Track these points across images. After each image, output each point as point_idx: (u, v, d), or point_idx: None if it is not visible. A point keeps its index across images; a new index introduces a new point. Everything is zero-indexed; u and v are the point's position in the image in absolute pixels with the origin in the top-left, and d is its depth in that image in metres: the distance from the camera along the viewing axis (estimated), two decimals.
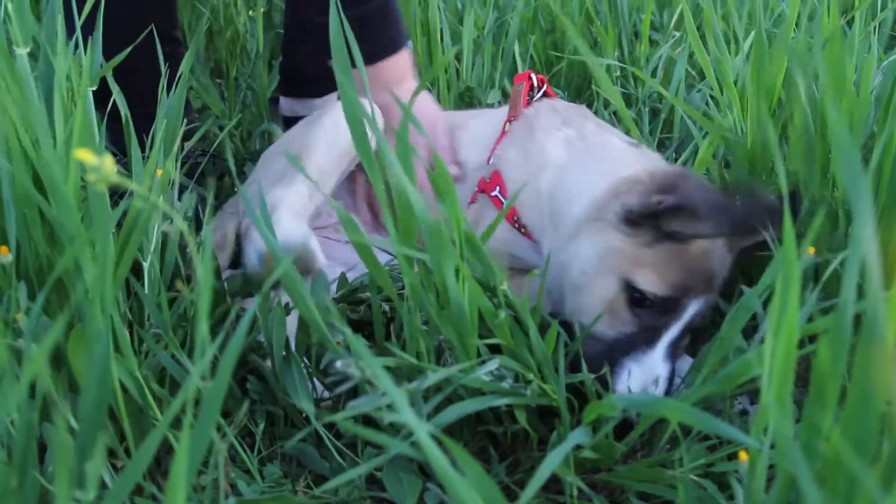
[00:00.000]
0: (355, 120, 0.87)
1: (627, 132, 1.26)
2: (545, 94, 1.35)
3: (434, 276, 0.80)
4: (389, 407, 0.71)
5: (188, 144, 1.58)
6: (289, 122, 1.79)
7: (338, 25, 0.90)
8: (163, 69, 1.10)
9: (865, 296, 0.50)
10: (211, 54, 2.06)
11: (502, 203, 1.19)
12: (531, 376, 0.85)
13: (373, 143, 0.87)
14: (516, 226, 1.20)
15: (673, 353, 1.00)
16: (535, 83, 1.34)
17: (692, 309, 1.01)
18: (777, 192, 1.11)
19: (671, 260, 1.00)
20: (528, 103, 1.31)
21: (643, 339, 1.00)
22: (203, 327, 0.51)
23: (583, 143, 1.20)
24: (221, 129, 1.75)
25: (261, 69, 1.75)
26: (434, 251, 0.77)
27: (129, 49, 1.03)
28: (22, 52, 0.86)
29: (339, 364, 0.93)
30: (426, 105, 1.35)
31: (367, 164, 0.88)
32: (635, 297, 1.01)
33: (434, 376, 0.75)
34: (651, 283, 1.00)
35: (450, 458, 0.57)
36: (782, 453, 0.51)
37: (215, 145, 1.42)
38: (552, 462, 0.64)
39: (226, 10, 2.05)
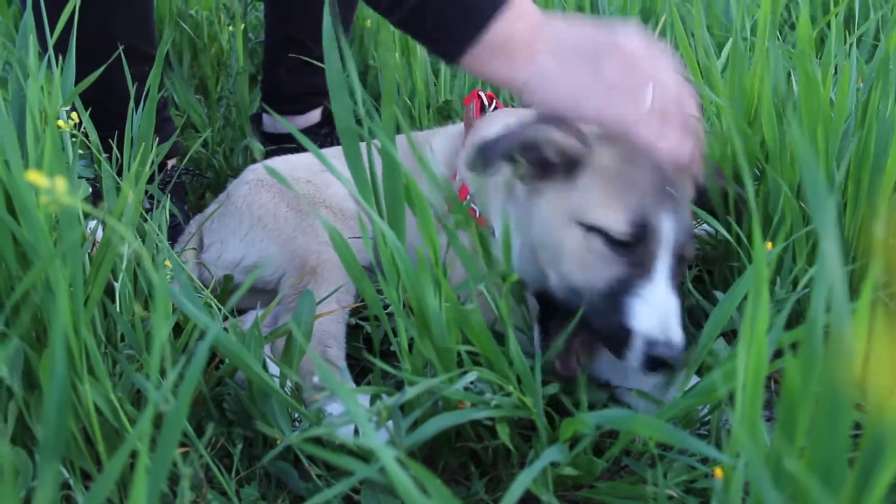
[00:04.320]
0: (360, 173, 0.87)
1: None
2: (496, 109, 1.36)
3: (409, 294, 0.80)
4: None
5: (171, 162, 1.58)
6: (271, 138, 1.79)
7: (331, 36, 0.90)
8: (131, 88, 1.09)
9: (831, 310, 0.50)
10: (195, 71, 2.06)
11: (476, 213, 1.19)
12: (510, 388, 0.84)
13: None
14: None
15: (674, 287, 0.97)
16: (486, 102, 1.34)
17: (666, 227, 0.97)
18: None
19: (600, 183, 0.99)
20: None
21: (636, 276, 0.96)
22: (156, 356, 0.50)
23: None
24: (205, 145, 1.75)
25: (241, 85, 1.74)
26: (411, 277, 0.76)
27: (100, 70, 1.02)
28: None
29: (315, 380, 0.93)
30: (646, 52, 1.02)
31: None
32: (605, 238, 0.97)
33: (412, 390, 0.74)
34: (604, 214, 0.97)
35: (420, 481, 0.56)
36: (750, 474, 0.50)
37: (185, 158, 1.40)
38: (523, 481, 0.63)
39: (210, 28, 2.05)
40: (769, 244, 0.92)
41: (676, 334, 0.91)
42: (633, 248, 0.97)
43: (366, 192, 0.85)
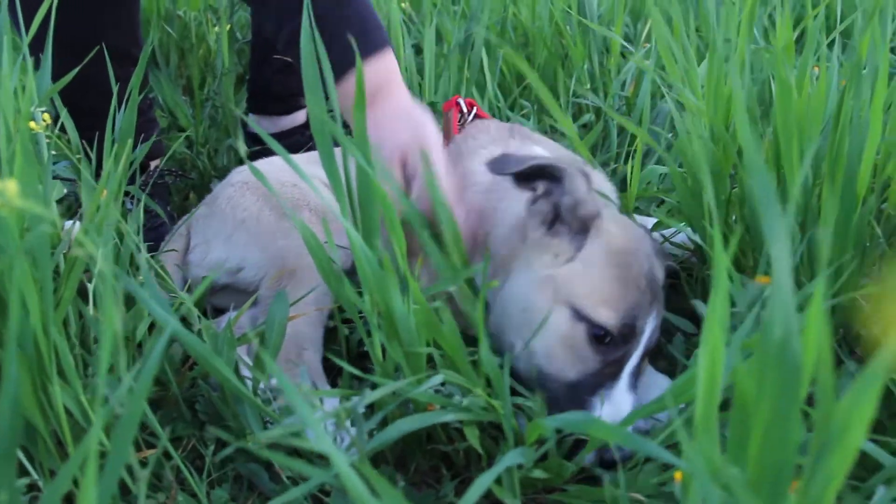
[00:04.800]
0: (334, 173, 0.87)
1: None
2: (477, 117, 1.35)
3: (376, 296, 0.80)
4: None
5: (155, 163, 1.58)
6: (256, 139, 1.79)
7: (309, 37, 0.90)
8: (114, 89, 1.09)
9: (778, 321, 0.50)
10: (183, 72, 2.06)
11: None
12: (478, 391, 0.84)
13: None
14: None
15: (635, 382, 0.98)
16: (465, 108, 1.34)
17: (648, 329, 0.99)
18: None
19: (602, 270, 0.98)
20: (460, 129, 1.32)
21: (607, 375, 0.96)
22: (105, 354, 0.50)
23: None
24: (190, 146, 1.75)
25: (226, 86, 1.74)
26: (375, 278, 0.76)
27: (76, 70, 1.02)
28: None
29: (272, 382, 0.93)
30: (420, 129, 1.12)
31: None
32: (595, 335, 0.96)
33: (374, 393, 0.74)
34: (605, 314, 0.96)
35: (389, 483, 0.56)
36: (698, 483, 0.50)
37: (166, 157, 1.40)
38: (483, 482, 0.62)
39: (198, 28, 2.05)
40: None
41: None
42: (613, 348, 0.97)
43: (341, 196, 0.85)
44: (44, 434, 0.86)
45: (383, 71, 1.12)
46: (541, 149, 1.25)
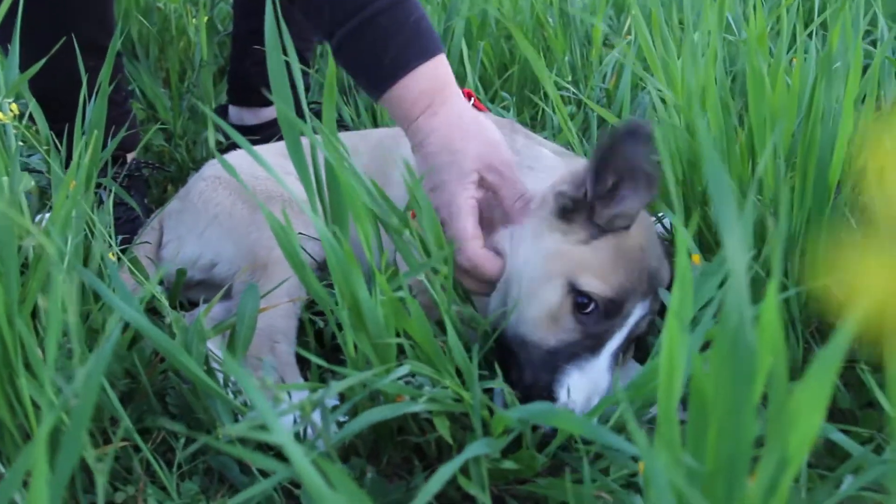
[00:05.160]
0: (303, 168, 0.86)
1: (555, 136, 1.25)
2: (474, 108, 1.34)
3: (342, 287, 0.79)
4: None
5: (131, 155, 1.57)
6: (236, 129, 1.78)
7: (274, 27, 0.89)
8: (83, 79, 1.08)
9: (732, 310, 0.49)
10: (163, 64, 2.04)
11: None
12: (447, 381, 0.83)
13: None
14: None
15: (615, 364, 0.98)
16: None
17: (636, 314, 1.00)
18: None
19: (611, 258, 0.99)
20: None
21: (586, 347, 0.98)
22: (52, 344, 0.49)
23: (516, 158, 1.18)
24: (169, 139, 1.74)
25: (205, 77, 1.73)
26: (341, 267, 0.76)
27: (43, 60, 1.01)
28: None
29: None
30: (495, 136, 1.08)
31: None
32: (579, 302, 0.98)
33: (339, 384, 0.74)
34: (595, 284, 0.97)
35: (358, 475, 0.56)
36: (651, 476, 0.50)
37: (139, 147, 1.39)
38: (444, 473, 0.62)
39: (178, 21, 2.03)
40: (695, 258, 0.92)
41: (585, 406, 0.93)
42: (596, 321, 0.98)
43: (309, 187, 0.84)
44: (10, 427, 0.85)
45: (441, 75, 1.09)
46: (547, 150, 1.25)
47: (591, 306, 0.98)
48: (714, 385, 0.51)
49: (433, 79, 1.07)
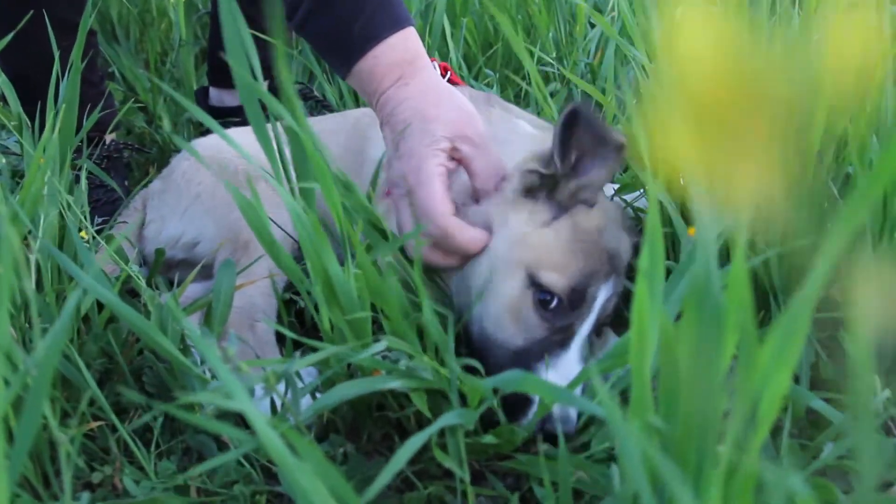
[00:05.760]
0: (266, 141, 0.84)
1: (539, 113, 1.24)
2: (450, 82, 1.33)
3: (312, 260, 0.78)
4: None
5: (111, 137, 1.55)
6: (216, 112, 1.76)
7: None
8: (56, 56, 1.06)
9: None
10: (144, 46, 2.02)
11: None
12: (425, 359, 0.82)
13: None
14: None
15: (586, 350, 0.96)
16: (439, 71, 1.31)
17: (601, 297, 0.97)
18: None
19: (570, 241, 0.96)
20: None
21: (555, 343, 0.95)
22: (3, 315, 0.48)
23: (490, 130, 1.16)
24: (150, 121, 1.72)
25: (185, 58, 1.71)
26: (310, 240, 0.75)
27: (10, 35, 0.99)
28: None
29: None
30: (469, 108, 1.05)
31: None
32: (541, 299, 0.95)
33: (307, 358, 0.73)
34: (554, 279, 0.94)
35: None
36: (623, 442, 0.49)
37: (111, 127, 1.37)
38: (416, 442, 0.61)
39: (158, 2, 2.01)
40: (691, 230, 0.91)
41: (574, 410, 0.89)
42: (561, 315, 0.95)
43: (274, 161, 0.83)
44: None
45: (411, 47, 1.05)
46: (525, 122, 1.23)
47: (555, 301, 0.95)
48: (684, 346, 0.50)
49: (404, 50, 1.04)
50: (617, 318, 1.06)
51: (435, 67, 1.31)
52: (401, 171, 0.99)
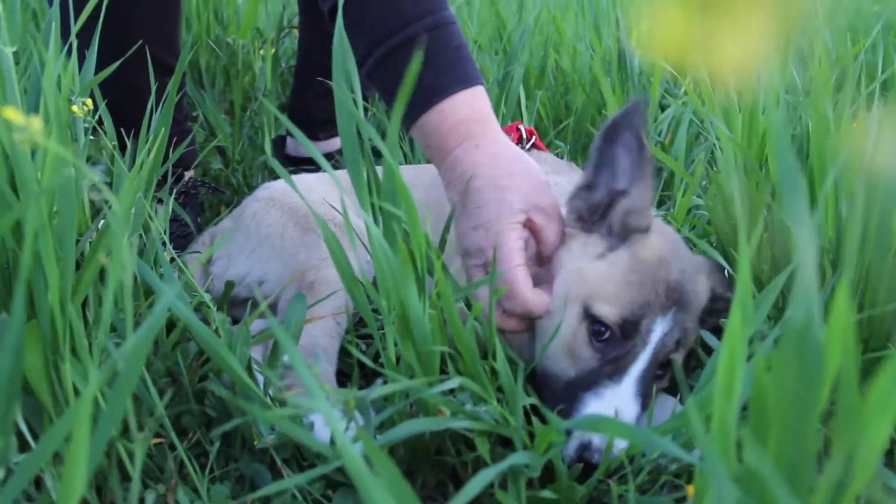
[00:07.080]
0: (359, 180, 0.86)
1: None
2: (534, 146, 1.35)
3: (392, 294, 0.79)
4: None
5: (189, 174, 1.60)
6: (292, 160, 1.81)
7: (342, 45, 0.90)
8: (152, 87, 1.11)
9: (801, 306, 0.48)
10: (227, 95, 2.10)
11: None
12: (491, 401, 0.81)
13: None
14: None
15: (644, 391, 0.94)
16: (524, 135, 1.34)
17: (658, 330, 0.95)
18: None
19: (625, 273, 0.96)
20: None
21: (606, 374, 0.94)
22: (109, 295, 0.49)
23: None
24: (227, 164, 1.78)
25: (267, 106, 1.77)
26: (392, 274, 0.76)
27: (116, 65, 1.04)
28: (8, 50, 0.87)
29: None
30: (541, 176, 1.01)
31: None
32: (594, 329, 0.95)
33: (385, 388, 0.72)
34: (607, 310, 0.94)
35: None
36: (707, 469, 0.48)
37: (195, 165, 1.42)
38: (482, 479, 0.60)
39: (245, 56, 2.10)
40: None
41: (618, 445, 0.86)
42: (613, 346, 0.95)
43: (362, 192, 0.85)
44: (51, 413, 0.85)
45: (480, 107, 1.03)
46: None
47: (607, 333, 0.95)
48: (777, 387, 0.49)
49: (472, 109, 1.01)
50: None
51: (521, 131, 1.34)
52: (477, 244, 0.97)
